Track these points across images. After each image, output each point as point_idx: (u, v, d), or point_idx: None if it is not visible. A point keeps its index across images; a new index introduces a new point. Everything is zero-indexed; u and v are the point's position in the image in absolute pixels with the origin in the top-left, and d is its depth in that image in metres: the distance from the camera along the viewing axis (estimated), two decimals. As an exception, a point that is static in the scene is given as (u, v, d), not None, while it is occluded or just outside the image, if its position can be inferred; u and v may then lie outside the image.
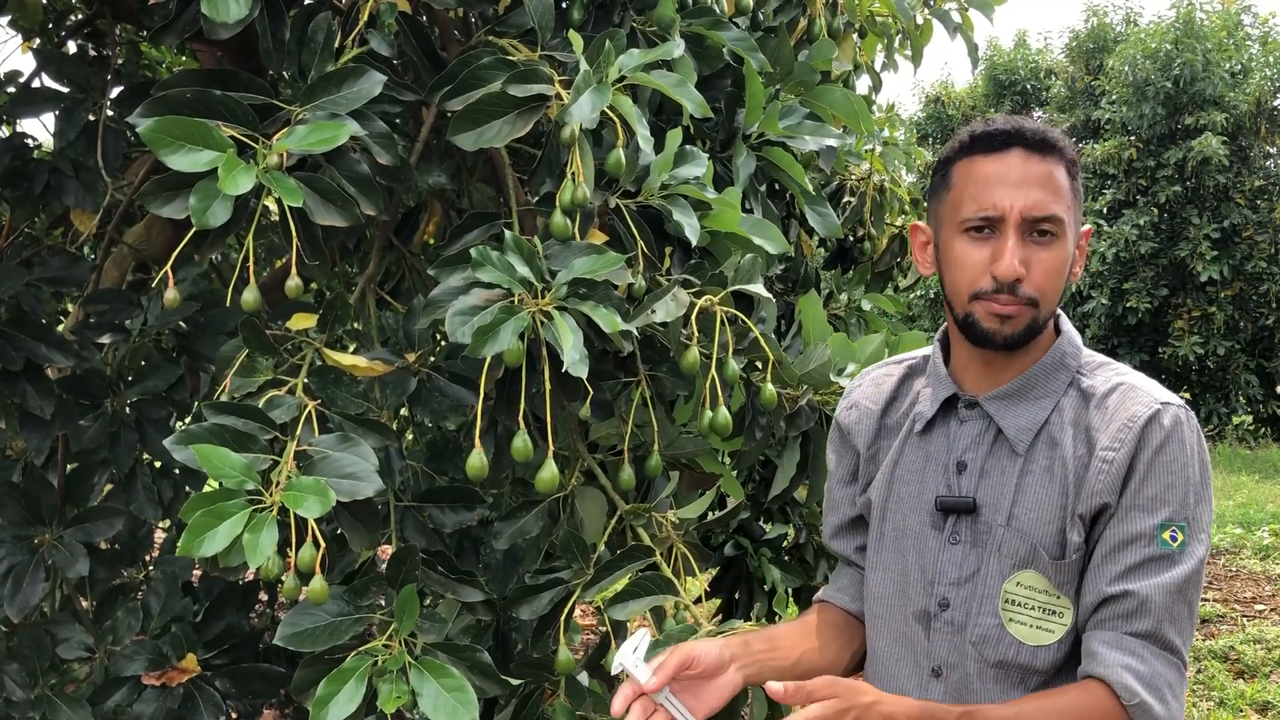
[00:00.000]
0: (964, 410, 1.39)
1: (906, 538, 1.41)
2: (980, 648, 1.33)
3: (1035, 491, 1.32)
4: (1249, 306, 12.52)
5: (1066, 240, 1.30)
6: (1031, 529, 1.31)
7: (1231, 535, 7.56)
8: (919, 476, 1.41)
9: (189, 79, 1.53)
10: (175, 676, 1.90)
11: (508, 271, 1.47)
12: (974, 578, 1.35)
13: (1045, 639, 1.31)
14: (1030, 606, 1.32)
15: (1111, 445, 1.28)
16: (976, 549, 1.35)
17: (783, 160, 1.99)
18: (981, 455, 1.37)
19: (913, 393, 1.47)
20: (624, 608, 1.63)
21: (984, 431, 1.37)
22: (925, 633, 1.38)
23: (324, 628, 1.51)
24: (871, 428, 1.49)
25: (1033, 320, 1.30)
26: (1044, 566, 1.30)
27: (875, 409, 1.49)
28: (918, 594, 1.39)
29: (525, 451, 1.49)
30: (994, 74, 14.99)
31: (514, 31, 1.78)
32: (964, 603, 1.35)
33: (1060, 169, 1.30)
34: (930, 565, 1.38)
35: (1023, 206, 1.27)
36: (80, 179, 2.13)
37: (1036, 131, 1.30)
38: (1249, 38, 12.80)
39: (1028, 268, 1.28)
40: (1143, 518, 1.26)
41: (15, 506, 1.97)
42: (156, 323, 2.12)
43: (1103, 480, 1.28)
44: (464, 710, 1.42)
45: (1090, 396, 1.33)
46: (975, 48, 2.86)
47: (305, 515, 1.36)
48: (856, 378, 1.57)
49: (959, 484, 1.37)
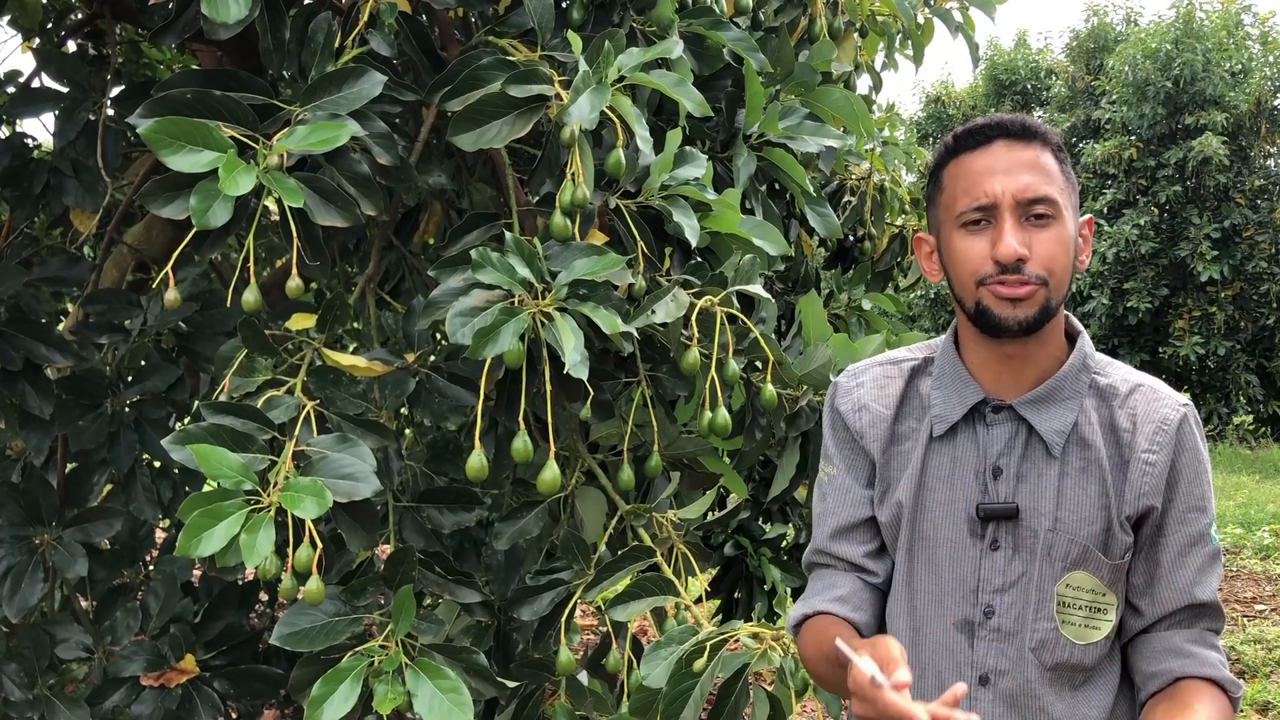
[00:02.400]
0: (992, 414, 1.36)
1: (939, 547, 1.38)
2: (1039, 653, 1.33)
3: (1075, 493, 1.33)
4: (1249, 306, 12.52)
5: (1065, 221, 1.30)
6: (1078, 530, 1.33)
7: (1231, 535, 7.55)
8: (948, 484, 1.37)
9: (189, 79, 1.53)
10: (174, 677, 1.90)
11: (508, 272, 1.47)
12: (1020, 583, 1.34)
13: (1094, 636, 1.34)
14: (1079, 606, 1.34)
15: (1150, 448, 1.32)
16: (1020, 554, 1.34)
17: (783, 161, 1.99)
18: (1016, 459, 1.35)
19: (921, 396, 1.43)
20: (624, 608, 1.63)
21: (1015, 435, 1.35)
22: (969, 641, 1.36)
23: (321, 628, 1.51)
24: (885, 433, 1.43)
25: (1045, 301, 1.29)
26: (1096, 566, 1.33)
27: (888, 414, 1.44)
28: (957, 603, 1.36)
29: (525, 452, 1.48)
30: (994, 74, 14.98)
31: (514, 31, 1.78)
32: (1010, 608, 1.34)
33: (1046, 153, 1.31)
34: (971, 573, 1.36)
35: (1014, 190, 1.27)
36: (80, 179, 2.13)
37: (1016, 121, 1.31)
38: (1249, 37, 12.80)
39: (1030, 249, 1.27)
40: (1198, 518, 1.33)
41: (15, 506, 1.96)
42: (156, 323, 2.12)
43: (1148, 483, 1.31)
44: (459, 712, 1.41)
45: (1111, 396, 1.36)
46: (976, 47, 2.86)
47: (302, 516, 1.36)
48: (849, 374, 1.49)
49: (996, 490, 1.35)
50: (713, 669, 1.47)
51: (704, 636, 1.51)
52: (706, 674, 1.47)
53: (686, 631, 1.53)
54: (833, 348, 1.91)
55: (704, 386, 1.67)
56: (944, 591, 1.38)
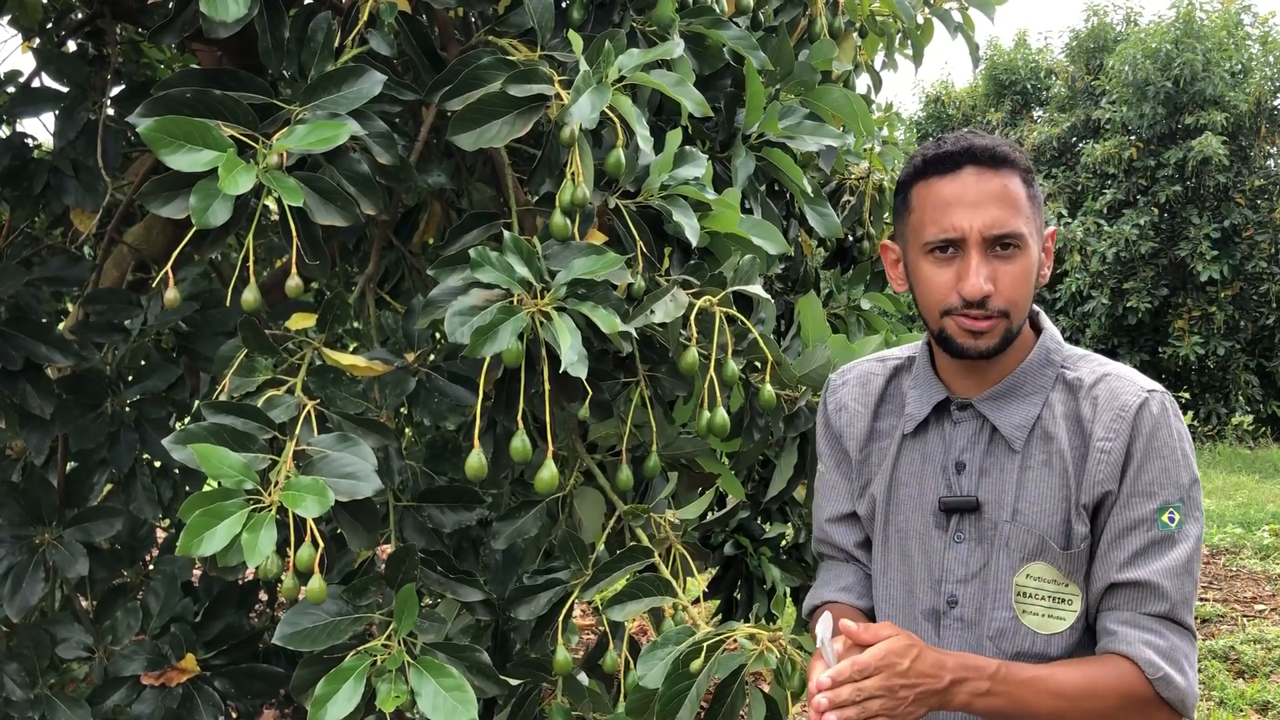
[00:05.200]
0: (957, 412, 1.42)
1: (910, 539, 1.44)
2: (998, 641, 1.37)
3: (1036, 485, 1.35)
4: (1249, 306, 12.51)
5: (1029, 250, 1.32)
6: (1037, 522, 1.34)
7: (1231, 535, 7.55)
8: (918, 479, 1.43)
9: (189, 78, 1.53)
10: (174, 676, 1.90)
11: (507, 272, 1.47)
12: (981, 574, 1.38)
13: (1057, 626, 1.35)
14: (1040, 597, 1.36)
15: (1107, 435, 1.32)
16: (982, 546, 1.38)
17: (782, 162, 1.99)
18: (979, 454, 1.39)
19: (901, 393, 1.49)
20: (622, 608, 1.63)
21: (979, 431, 1.40)
22: (935, 630, 1.41)
23: (323, 627, 1.51)
24: (863, 431, 1.50)
25: (1006, 331, 1.34)
26: (1053, 557, 1.34)
27: (865, 411, 1.51)
28: (925, 593, 1.42)
29: (524, 452, 1.49)
30: (994, 74, 14.97)
31: (514, 31, 1.78)
32: (973, 599, 1.38)
33: (1014, 179, 1.32)
34: (936, 565, 1.41)
35: (981, 225, 1.30)
36: (80, 179, 2.13)
37: (986, 148, 1.32)
38: (1249, 37, 12.79)
39: (995, 282, 1.31)
40: (1142, 503, 1.31)
41: (15, 506, 1.97)
42: (156, 322, 2.12)
43: (1102, 470, 1.32)
44: (462, 710, 1.42)
45: (1077, 388, 1.37)
46: (976, 47, 2.85)
47: (303, 515, 1.36)
48: (839, 373, 1.58)
49: (960, 484, 1.40)
50: (709, 669, 1.47)
51: (701, 637, 1.51)
52: (703, 674, 1.47)
53: (683, 632, 1.53)
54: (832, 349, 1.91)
55: (703, 387, 1.67)
56: (914, 582, 1.43)
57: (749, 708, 1.65)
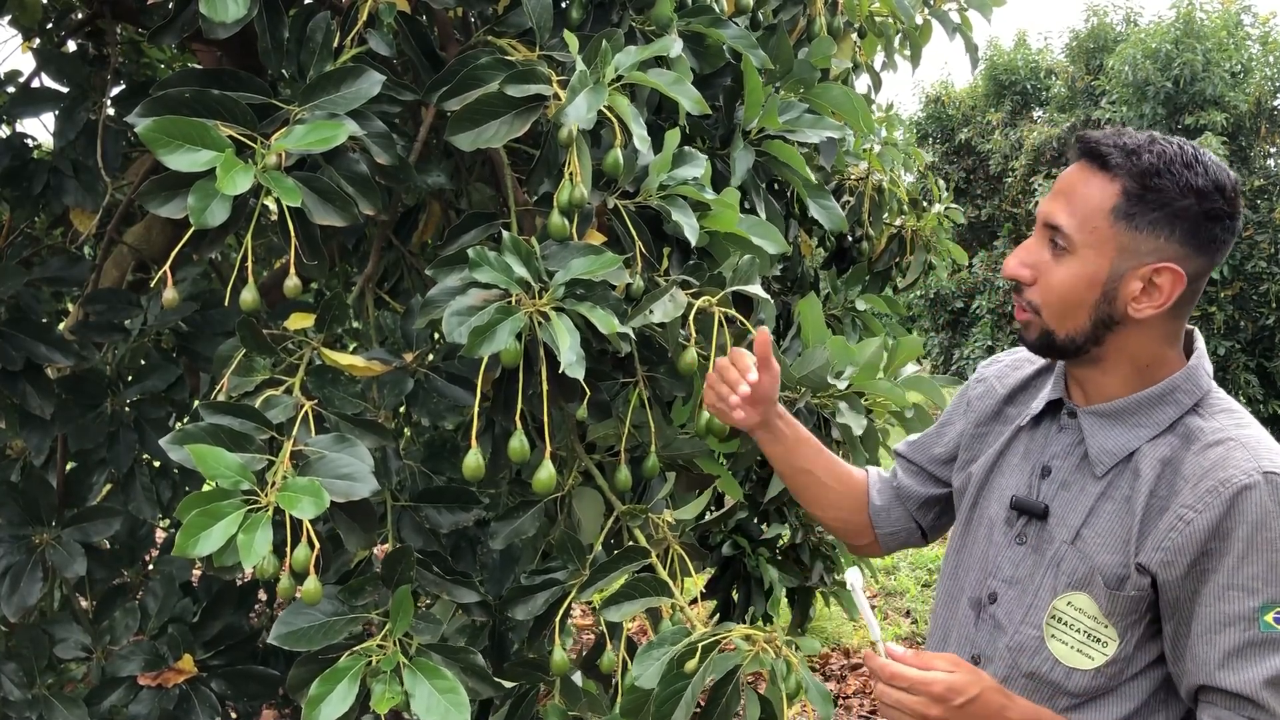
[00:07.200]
0: (1065, 418, 1.39)
1: (983, 526, 1.44)
2: (1015, 654, 1.35)
3: (1109, 519, 1.29)
4: (1249, 306, 12.50)
5: (1082, 257, 1.24)
6: (1095, 554, 1.29)
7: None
8: (1013, 471, 1.43)
9: (188, 78, 1.53)
10: (171, 677, 1.90)
11: (505, 272, 1.47)
12: (1025, 582, 1.36)
13: (1083, 664, 1.30)
14: (1075, 629, 1.30)
15: (1194, 505, 1.21)
16: (1035, 555, 1.35)
17: (783, 153, 1.97)
18: (1069, 466, 1.35)
19: (1039, 388, 1.49)
20: (619, 609, 1.63)
21: (1076, 444, 1.36)
22: (974, 619, 1.41)
23: (318, 627, 1.51)
24: (990, 408, 1.52)
25: (1042, 331, 1.30)
26: (1098, 593, 1.28)
27: (1001, 393, 1.52)
28: (975, 580, 1.43)
29: (522, 452, 1.49)
30: (994, 74, 14.96)
31: (513, 31, 1.78)
32: (1009, 603, 1.37)
33: (1108, 184, 1.23)
34: (993, 557, 1.40)
35: (1045, 211, 1.27)
36: (80, 179, 2.13)
37: (1099, 145, 1.25)
38: (1249, 38, 12.78)
39: (1037, 274, 1.28)
40: (1244, 599, 1.20)
41: (14, 506, 1.96)
42: (156, 322, 2.12)
43: (1174, 539, 1.22)
44: (456, 712, 1.41)
45: (1193, 440, 1.26)
46: (975, 48, 2.86)
47: (300, 516, 1.36)
48: (1004, 352, 1.60)
49: (1040, 487, 1.37)
50: (705, 670, 1.47)
51: (696, 637, 1.51)
52: (698, 675, 1.47)
53: (679, 632, 1.53)
54: (831, 350, 1.91)
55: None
56: (971, 567, 1.44)
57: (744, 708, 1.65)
